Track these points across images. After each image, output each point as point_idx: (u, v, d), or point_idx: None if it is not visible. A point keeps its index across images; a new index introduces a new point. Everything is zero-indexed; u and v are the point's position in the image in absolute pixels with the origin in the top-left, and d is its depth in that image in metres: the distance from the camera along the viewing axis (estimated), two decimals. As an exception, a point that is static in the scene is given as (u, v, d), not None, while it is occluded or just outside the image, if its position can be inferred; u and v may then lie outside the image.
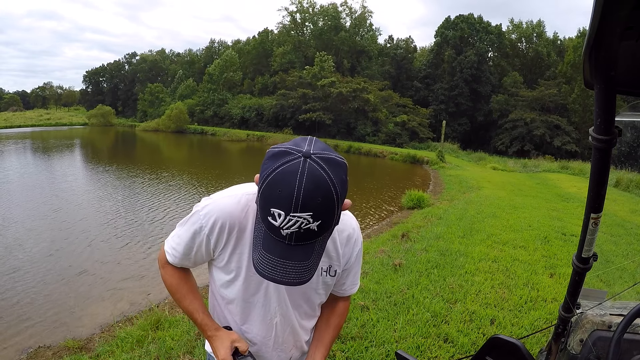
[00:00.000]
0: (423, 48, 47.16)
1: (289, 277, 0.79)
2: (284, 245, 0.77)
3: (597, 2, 0.58)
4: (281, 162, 0.73)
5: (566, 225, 7.19)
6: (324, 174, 0.73)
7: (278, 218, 0.73)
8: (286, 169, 0.72)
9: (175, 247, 1.07)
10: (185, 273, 1.13)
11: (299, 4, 43.50)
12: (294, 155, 0.74)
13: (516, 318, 3.42)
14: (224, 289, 1.08)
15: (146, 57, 59.35)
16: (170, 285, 1.11)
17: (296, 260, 0.78)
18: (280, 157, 0.74)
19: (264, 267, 0.79)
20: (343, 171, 0.79)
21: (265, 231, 0.79)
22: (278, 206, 0.72)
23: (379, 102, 33.09)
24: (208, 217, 0.98)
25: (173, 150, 27.84)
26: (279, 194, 0.72)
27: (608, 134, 0.82)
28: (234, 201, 0.98)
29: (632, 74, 0.79)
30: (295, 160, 0.73)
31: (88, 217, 8.43)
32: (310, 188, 0.71)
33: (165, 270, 1.12)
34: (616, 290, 3.88)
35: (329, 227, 0.78)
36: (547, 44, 38.87)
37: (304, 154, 0.74)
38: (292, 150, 0.75)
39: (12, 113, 58.14)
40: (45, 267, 5.63)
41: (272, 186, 0.73)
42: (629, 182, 13.82)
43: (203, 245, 1.01)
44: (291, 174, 0.71)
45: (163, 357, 2.91)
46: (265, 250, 0.79)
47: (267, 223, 0.76)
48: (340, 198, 0.77)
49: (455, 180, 14.30)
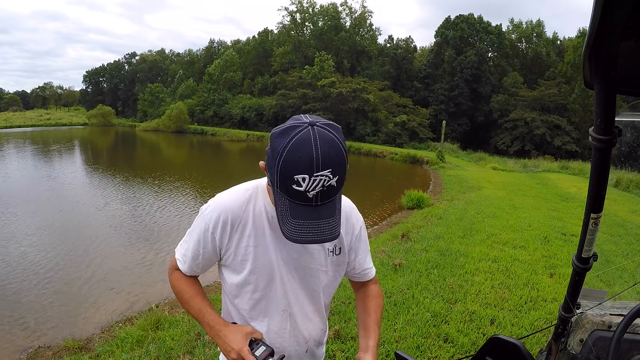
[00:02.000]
0: (423, 48, 47.16)
1: (324, 235, 0.85)
2: (311, 207, 0.84)
3: (597, 2, 0.58)
4: (292, 134, 0.80)
5: (566, 225, 7.19)
6: (332, 135, 0.82)
7: (303, 182, 0.80)
8: (300, 138, 0.79)
9: (185, 252, 1.11)
10: (192, 278, 1.16)
11: (299, 4, 43.50)
12: (302, 126, 0.81)
13: (516, 318, 3.42)
14: (235, 287, 1.09)
15: (146, 57, 59.34)
16: (177, 289, 1.14)
17: (325, 217, 0.85)
18: (289, 131, 0.81)
19: (299, 233, 0.84)
20: (341, 131, 0.87)
21: (289, 202, 0.84)
22: (301, 171, 0.79)
23: (378, 102, 33.07)
24: (211, 215, 1.03)
25: (173, 151, 27.84)
26: (298, 160, 0.79)
27: (608, 134, 0.82)
28: (233, 197, 1.04)
29: (632, 74, 0.79)
30: (305, 129, 0.81)
31: (88, 218, 8.43)
32: (325, 148, 0.80)
33: (173, 276, 1.16)
34: (616, 290, 3.88)
35: (343, 180, 0.86)
36: (547, 44, 38.86)
37: (310, 124, 0.82)
38: (297, 124, 0.82)
39: (12, 113, 58.15)
40: (45, 267, 5.63)
41: (291, 155, 0.79)
42: (629, 182, 13.81)
43: (209, 244, 1.05)
44: (306, 140, 0.79)
45: (163, 357, 2.91)
46: (295, 218, 0.84)
47: (292, 192, 0.82)
48: (346, 153, 0.86)
49: (455, 180, 14.30)
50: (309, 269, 1.10)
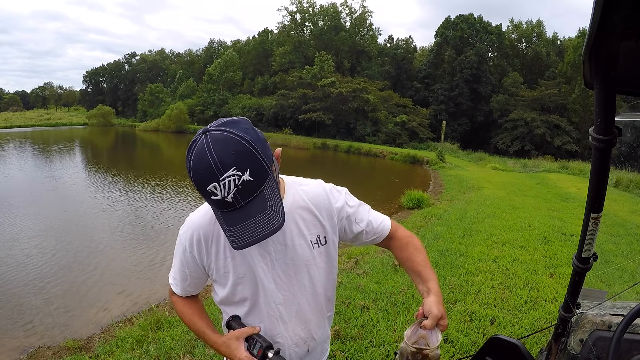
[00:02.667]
0: (423, 48, 47.17)
1: (260, 232, 0.83)
2: (237, 210, 0.82)
3: (597, 2, 0.58)
4: (191, 150, 0.81)
5: (566, 225, 7.19)
6: (225, 133, 0.80)
7: (216, 190, 0.79)
8: (196, 151, 0.80)
9: (175, 276, 1.14)
10: (190, 298, 1.19)
11: (299, 4, 43.49)
12: (198, 138, 0.81)
13: (516, 318, 3.42)
14: (226, 299, 1.11)
15: (146, 57, 59.34)
16: (177, 311, 1.19)
17: (254, 215, 0.83)
18: (190, 148, 0.82)
19: (237, 239, 0.83)
20: (243, 124, 0.85)
21: (220, 213, 0.85)
22: (208, 181, 0.79)
23: (378, 102, 33.06)
24: (185, 236, 1.05)
25: (173, 151, 27.84)
26: (202, 172, 0.79)
27: (608, 134, 0.82)
28: (202, 213, 1.05)
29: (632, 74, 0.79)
30: (199, 140, 0.80)
31: (89, 219, 8.43)
32: (219, 149, 0.78)
33: (173, 300, 1.21)
34: (616, 290, 3.88)
35: (262, 171, 0.83)
36: (547, 44, 38.87)
37: (203, 131, 0.82)
38: (195, 137, 0.82)
39: (12, 113, 58.20)
40: (45, 267, 5.63)
41: (195, 172, 0.80)
42: (629, 182, 13.81)
43: (191, 264, 1.07)
44: (201, 150, 0.79)
45: (163, 357, 2.90)
46: (230, 226, 0.84)
47: (214, 203, 0.82)
48: (253, 142, 0.82)
49: (455, 180, 14.29)
50: (296, 266, 1.07)
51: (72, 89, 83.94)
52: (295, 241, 1.06)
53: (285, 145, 29.59)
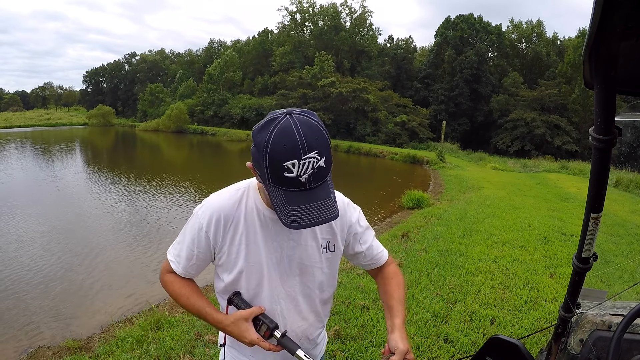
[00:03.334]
0: (423, 48, 47.16)
1: (324, 215, 0.86)
2: (306, 191, 0.85)
3: (597, 2, 0.58)
4: (273, 126, 0.82)
5: (566, 225, 7.19)
6: (310, 119, 0.85)
7: (293, 168, 0.82)
8: (281, 127, 0.82)
9: (178, 253, 1.11)
10: (187, 279, 1.15)
11: (299, 4, 43.49)
12: (280, 117, 0.84)
13: (516, 318, 3.42)
14: (228, 286, 1.10)
15: (146, 57, 59.34)
16: (173, 291, 1.13)
17: (322, 198, 0.86)
18: (269, 124, 0.83)
19: (300, 218, 0.85)
20: (318, 118, 0.89)
21: (284, 191, 0.85)
22: (289, 157, 0.81)
23: (378, 102, 33.06)
24: (204, 215, 1.04)
25: (173, 151, 27.85)
26: (284, 147, 0.81)
27: (608, 134, 0.82)
28: (226, 196, 1.06)
29: (632, 74, 0.79)
30: (284, 119, 0.83)
31: (89, 219, 8.43)
32: (307, 131, 0.82)
33: (166, 279, 1.15)
34: (616, 290, 3.88)
35: (330, 161, 0.87)
36: (547, 44, 38.86)
37: (287, 112, 0.85)
38: (275, 115, 0.85)
39: (12, 113, 58.18)
40: (45, 267, 5.63)
41: (276, 145, 0.81)
42: (629, 182, 13.81)
43: (203, 243, 1.06)
44: (287, 127, 0.81)
45: (163, 357, 2.90)
46: (293, 205, 0.85)
47: (285, 180, 0.83)
48: (327, 135, 0.87)
49: (455, 180, 14.29)
50: (304, 266, 1.10)
51: (72, 89, 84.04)
52: (308, 242, 1.09)
53: (285, 145, 29.53)
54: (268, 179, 0.85)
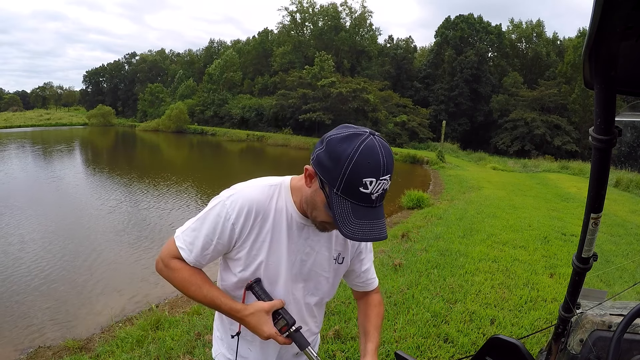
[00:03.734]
0: (423, 48, 47.18)
1: (380, 234, 0.90)
2: (371, 209, 0.90)
3: (597, 2, 0.58)
4: (359, 141, 0.86)
5: (566, 225, 7.19)
6: (387, 145, 0.91)
7: (370, 185, 0.86)
8: (367, 145, 0.86)
9: (193, 241, 1.04)
10: (194, 267, 1.09)
11: (299, 4, 43.50)
12: (365, 134, 0.88)
13: (516, 318, 3.42)
14: (239, 282, 1.08)
15: (146, 57, 59.35)
16: (181, 280, 1.06)
17: (380, 217, 0.91)
18: (353, 138, 0.87)
19: (362, 232, 0.89)
20: None
21: (352, 204, 0.89)
22: (370, 175, 0.85)
23: (378, 102, 33.06)
24: (234, 205, 1.01)
25: (174, 151, 27.85)
26: (369, 165, 0.85)
27: (608, 134, 0.82)
28: (258, 190, 1.04)
29: (632, 74, 0.79)
30: (369, 137, 0.88)
31: (90, 219, 8.43)
32: (387, 155, 0.88)
33: (173, 265, 1.06)
34: (616, 290, 3.88)
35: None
36: (547, 44, 38.87)
37: (371, 133, 0.89)
38: (359, 132, 0.89)
39: (12, 113, 58.20)
40: (45, 267, 5.63)
41: (362, 160, 0.85)
42: (629, 182, 13.81)
43: (226, 234, 1.02)
44: (373, 147, 0.86)
45: (163, 357, 2.90)
46: (358, 219, 0.89)
47: (357, 194, 0.87)
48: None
49: (455, 180, 14.30)
50: (314, 273, 1.11)
51: (72, 89, 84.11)
52: (322, 251, 1.11)
53: (285, 145, 29.59)
54: (338, 188, 0.88)
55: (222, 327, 1.21)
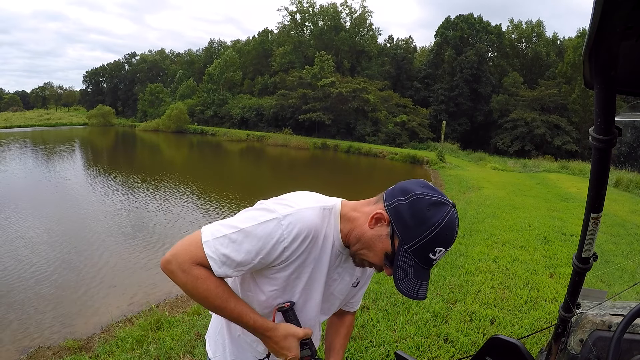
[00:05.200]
0: (423, 48, 47.17)
1: (424, 294, 0.95)
2: (427, 271, 0.94)
3: (597, 2, 0.58)
4: (444, 212, 0.89)
5: (566, 225, 7.19)
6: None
7: (438, 254, 0.91)
8: (451, 218, 0.90)
9: (229, 253, 0.91)
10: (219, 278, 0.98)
11: (299, 4, 43.49)
12: (449, 205, 0.91)
13: (516, 318, 3.42)
14: (271, 301, 1.04)
15: (146, 57, 59.32)
16: (205, 290, 0.92)
17: (428, 279, 0.96)
18: (441, 206, 0.90)
19: (416, 291, 0.93)
20: None
21: (415, 264, 0.92)
22: (443, 245, 0.90)
23: (378, 102, 33.06)
24: (292, 228, 0.93)
25: (174, 151, 27.85)
26: (445, 237, 0.89)
27: (608, 134, 0.81)
28: (316, 213, 0.98)
29: (632, 74, 0.79)
30: (452, 210, 0.91)
31: (90, 219, 8.43)
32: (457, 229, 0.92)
33: (196, 273, 0.92)
34: (616, 290, 3.88)
35: None
36: (547, 44, 38.87)
37: (452, 205, 0.92)
38: (444, 200, 0.91)
39: (12, 113, 58.17)
40: (46, 267, 5.63)
41: (443, 231, 0.88)
42: (629, 182, 13.81)
43: (273, 256, 0.93)
44: (454, 221, 0.90)
45: (163, 357, 2.90)
46: (417, 279, 0.93)
47: (424, 257, 0.91)
48: None
49: (455, 180, 14.30)
50: (332, 296, 1.12)
51: (72, 89, 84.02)
52: (346, 277, 1.12)
53: (285, 145, 29.60)
54: (410, 247, 0.90)
55: (228, 334, 1.16)
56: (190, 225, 8.13)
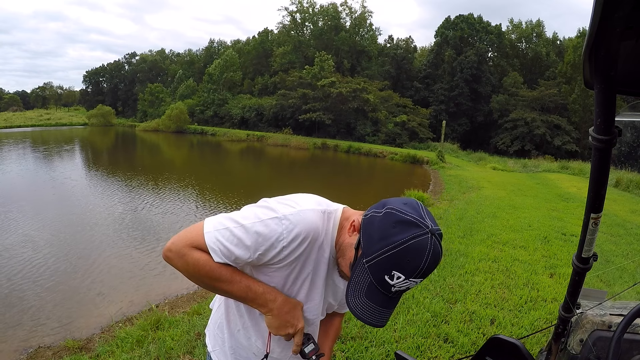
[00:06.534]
0: (423, 48, 47.20)
1: (381, 321, 0.88)
2: (385, 296, 0.86)
3: (597, 2, 0.58)
4: (412, 234, 0.81)
5: (566, 225, 7.19)
6: (441, 250, 0.84)
7: (395, 279, 0.83)
8: (418, 243, 0.80)
9: (228, 247, 0.92)
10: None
11: (299, 4, 43.51)
12: (423, 229, 0.82)
13: (516, 318, 3.42)
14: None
15: (146, 57, 59.36)
16: (211, 270, 0.93)
17: (389, 308, 0.88)
18: (410, 227, 0.82)
19: (364, 312, 0.87)
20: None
21: (370, 283, 0.86)
22: (401, 271, 0.81)
23: (378, 102, 33.08)
24: (292, 227, 0.92)
25: (174, 151, 27.85)
26: (406, 262, 0.81)
27: (608, 134, 0.81)
28: (317, 216, 0.96)
29: (632, 74, 0.78)
30: (424, 235, 0.81)
31: (89, 219, 8.43)
32: (432, 263, 0.82)
33: (196, 255, 0.92)
34: (616, 290, 3.88)
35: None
36: (547, 44, 38.89)
37: (431, 231, 0.82)
38: (419, 222, 0.82)
39: (12, 113, 58.14)
40: (45, 268, 5.63)
41: (402, 254, 0.81)
42: (629, 182, 13.82)
43: (271, 253, 0.93)
44: (422, 249, 0.80)
45: (163, 357, 2.90)
46: (367, 299, 0.87)
47: (379, 279, 0.84)
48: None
49: (455, 180, 14.30)
50: (328, 302, 1.13)
51: (72, 89, 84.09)
52: (340, 284, 1.11)
53: (285, 145, 29.61)
54: (368, 262, 0.85)
55: (228, 329, 1.15)
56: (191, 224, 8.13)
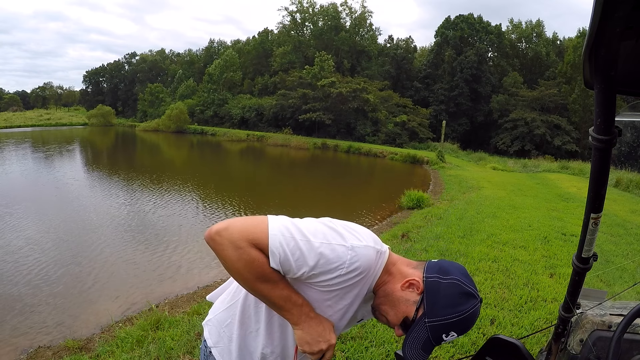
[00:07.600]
0: (423, 48, 47.20)
1: None
2: (433, 346, 0.99)
3: (597, 2, 0.58)
4: (473, 304, 0.97)
5: (566, 225, 7.18)
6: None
7: (449, 337, 0.97)
8: (475, 311, 0.98)
9: (290, 258, 0.91)
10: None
11: (299, 4, 43.50)
12: (477, 299, 0.98)
13: (516, 318, 3.42)
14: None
15: (146, 57, 59.35)
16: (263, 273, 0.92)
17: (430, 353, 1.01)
18: (470, 299, 0.97)
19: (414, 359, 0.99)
20: None
21: (426, 338, 0.97)
22: (458, 332, 0.97)
23: (378, 102, 33.07)
24: (354, 260, 0.95)
25: (174, 152, 27.85)
26: (463, 327, 0.96)
27: (608, 134, 0.81)
28: (374, 255, 1.01)
29: (632, 74, 0.79)
30: (478, 305, 0.98)
31: (89, 219, 8.43)
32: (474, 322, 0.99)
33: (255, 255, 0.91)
34: (616, 290, 3.88)
35: None
36: (547, 44, 38.89)
37: (480, 300, 0.99)
38: (476, 294, 0.99)
39: (12, 113, 58.13)
40: (45, 268, 5.62)
41: (464, 320, 0.96)
42: (629, 182, 13.82)
43: (324, 276, 0.95)
44: (476, 315, 0.98)
45: (163, 357, 2.90)
46: (424, 351, 0.99)
47: (438, 336, 0.97)
48: None
49: (455, 180, 14.29)
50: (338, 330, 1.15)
51: (72, 89, 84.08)
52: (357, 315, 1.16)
53: (285, 145, 29.60)
54: (431, 323, 0.96)
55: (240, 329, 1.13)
56: (191, 225, 8.13)
